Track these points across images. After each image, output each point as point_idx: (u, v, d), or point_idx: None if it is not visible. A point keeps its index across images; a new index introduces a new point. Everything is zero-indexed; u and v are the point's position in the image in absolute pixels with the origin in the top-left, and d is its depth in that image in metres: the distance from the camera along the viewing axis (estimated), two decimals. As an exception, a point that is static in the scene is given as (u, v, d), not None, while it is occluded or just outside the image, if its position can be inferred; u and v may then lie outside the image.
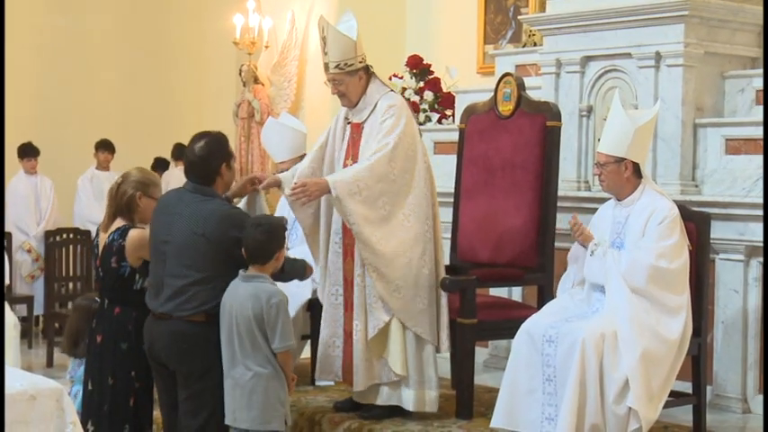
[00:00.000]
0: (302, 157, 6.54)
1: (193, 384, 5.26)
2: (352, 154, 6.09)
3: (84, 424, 5.51)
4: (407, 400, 6.03)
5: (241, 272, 5.18)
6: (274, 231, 5.15)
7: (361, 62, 6.00)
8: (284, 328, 5.07)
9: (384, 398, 6.06)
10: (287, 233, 5.39)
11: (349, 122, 6.19)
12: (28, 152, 10.82)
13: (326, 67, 6.03)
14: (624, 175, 5.60)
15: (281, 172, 6.34)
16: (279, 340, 5.06)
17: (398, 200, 5.94)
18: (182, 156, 11.62)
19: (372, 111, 6.04)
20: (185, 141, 11.42)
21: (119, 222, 5.55)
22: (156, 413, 5.80)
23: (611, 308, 5.41)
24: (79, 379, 5.95)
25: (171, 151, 11.86)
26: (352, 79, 6.00)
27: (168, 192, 5.60)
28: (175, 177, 11.06)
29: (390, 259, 5.88)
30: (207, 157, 5.34)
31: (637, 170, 5.62)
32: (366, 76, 6.06)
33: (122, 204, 5.55)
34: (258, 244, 5.11)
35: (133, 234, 5.48)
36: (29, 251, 10.52)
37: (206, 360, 5.19)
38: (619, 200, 5.68)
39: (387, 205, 5.89)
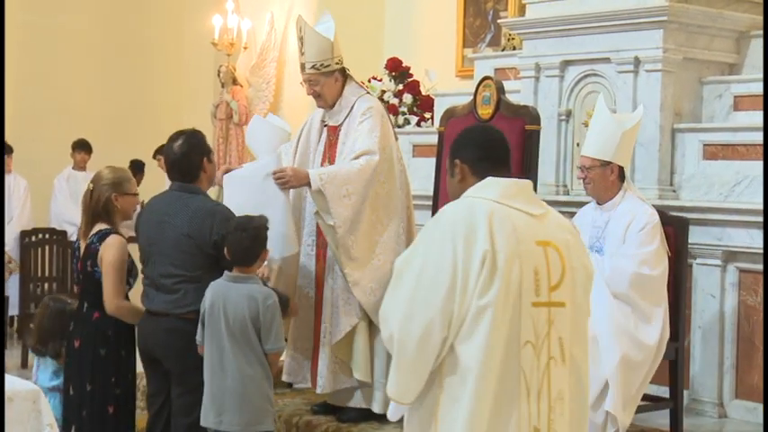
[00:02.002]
0: None
1: (187, 381, 5.23)
2: (329, 156, 6.09)
3: (67, 429, 5.47)
4: (377, 402, 6.02)
5: (227, 273, 5.14)
6: (258, 234, 5.13)
7: (337, 63, 6.00)
8: (278, 329, 5.07)
9: (358, 401, 6.06)
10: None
11: (326, 125, 6.18)
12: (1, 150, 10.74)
13: (303, 67, 6.03)
14: (610, 179, 5.61)
15: None
16: (273, 341, 5.05)
17: (377, 204, 5.94)
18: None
19: (349, 113, 6.03)
20: (163, 141, 11.36)
21: (99, 226, 5.50)
22: (140, 418, 5.75)
23: (592, 312, 5.40)
24: (45, 389, 5.87)
25: (153, 153, 11.79)
26: (327, 80, 6.00)
27: (155, 196, 5.59)
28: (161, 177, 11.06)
29: (363, 262, 5.88)
30: (188, 154, 5.35)
31: (621, 174, 5.63)
32: (342, 78, 6.05)
33: (99, 209, 5.49)
34: (244, 249, 5.08)
35: (111, 242, 5.43)
36: None
37: (201, 357, 5.15)
38: (599, 204, 5.69)
39: (366, 209, 5.89)
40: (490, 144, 3.66)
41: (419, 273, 3.39)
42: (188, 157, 5.34)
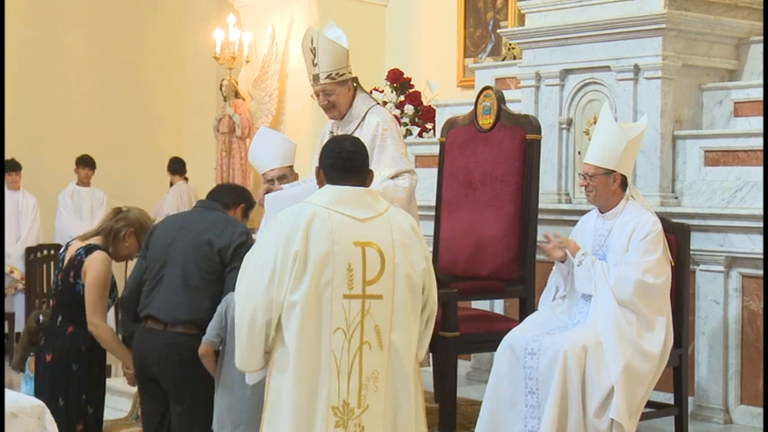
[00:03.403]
0: (291, 167, 6.52)
1: (187, 398, 5.16)
2: None
3: None
4: None
5: None
6: None
7: (350, 72, 6.02)
8: None
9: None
10: None
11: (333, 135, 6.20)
12: (9, 167, 10.76)
13: (316, 78, 5.99)
14: (612, 188, 5.61)
15: (270, 180, 6.34)
16: None
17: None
18: (178, 170, 11.59)
19: (360, 123, 6.06)
20: (168, 156, 11.43)
21: (92, 240, 5.48)
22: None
23: (598, 319, 5.41)
24: None
25: (167, 165, 11.82)
26: (342, 89, 6.00)
27: (171, 215, 5.67)
28: (179, 191, 11.20)
29: None
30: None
31: (623, 183, 5.64)
32: (353, 88, 6.08)
33: (112, 229, 5.49)
34: None
35: (97, 256, 5.40)
36: (11, 272, 10.44)
37: (200, 372, 5.09)
38: (602, 212, 5.70)
39: None
40: (339, 155, 4.26)
41: (253, 265, 4.10)
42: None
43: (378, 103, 6.30)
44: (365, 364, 3.99)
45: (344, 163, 4.23)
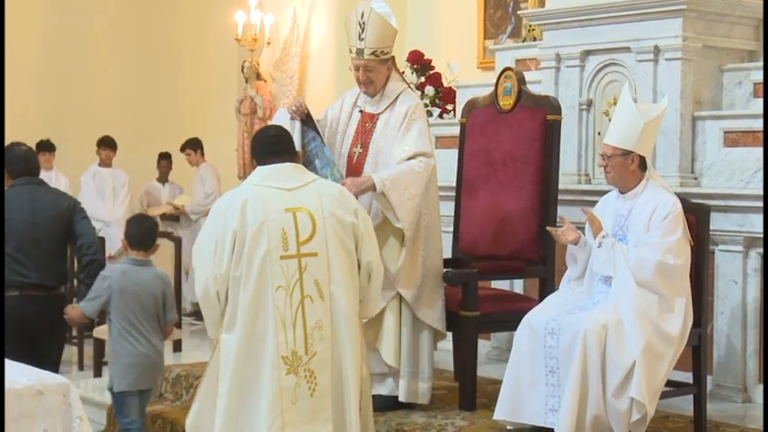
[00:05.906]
0: None
1: (54, 350, 6.07)
2: (362, 142, 6.16)
3: None
4: (400, 390, 6.08)
5: (131, 258, 5.91)
6: (156, 225, 6.35)
7: (391, 51, 6.09)
8: (174, 304, 6.17)
9: (389, 388, 6.10)
10: None
11: (360, 110, 6.23)
12: (42, 147, 10.84)
13: (360, 52, 6.02)
14: (630, 168, 5.63)
15: None
16: (173, 313, 6.03)
17: (426, 200, 6.09)
18: (194, 146, 11.60)
19: (391, 104, 6.10)
20: (187, 137, 11.45)
21: None
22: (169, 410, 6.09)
23: (618, 299, 5.43)
24: None
25: (181, 146, 11.84)
26: (382, 68, 6.08)
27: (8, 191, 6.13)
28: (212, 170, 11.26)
29: (414, 257, 6.04)
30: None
31: (642, 163, 5.65)
32: (390, 67, 6.14)
33: None
34: (149, 232, 5.99)
35: None
36: None
37: (62, 326, 6.08)
38: (622, 192, 5.72)
39: (419, 207, 6.02)
40: (266, 140, 4.82)
41: (203, 243, 4.58)
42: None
43: (409, 86, 6.34)
44: (308, 315, 4.43)
45: (270, 146, 4.76)
